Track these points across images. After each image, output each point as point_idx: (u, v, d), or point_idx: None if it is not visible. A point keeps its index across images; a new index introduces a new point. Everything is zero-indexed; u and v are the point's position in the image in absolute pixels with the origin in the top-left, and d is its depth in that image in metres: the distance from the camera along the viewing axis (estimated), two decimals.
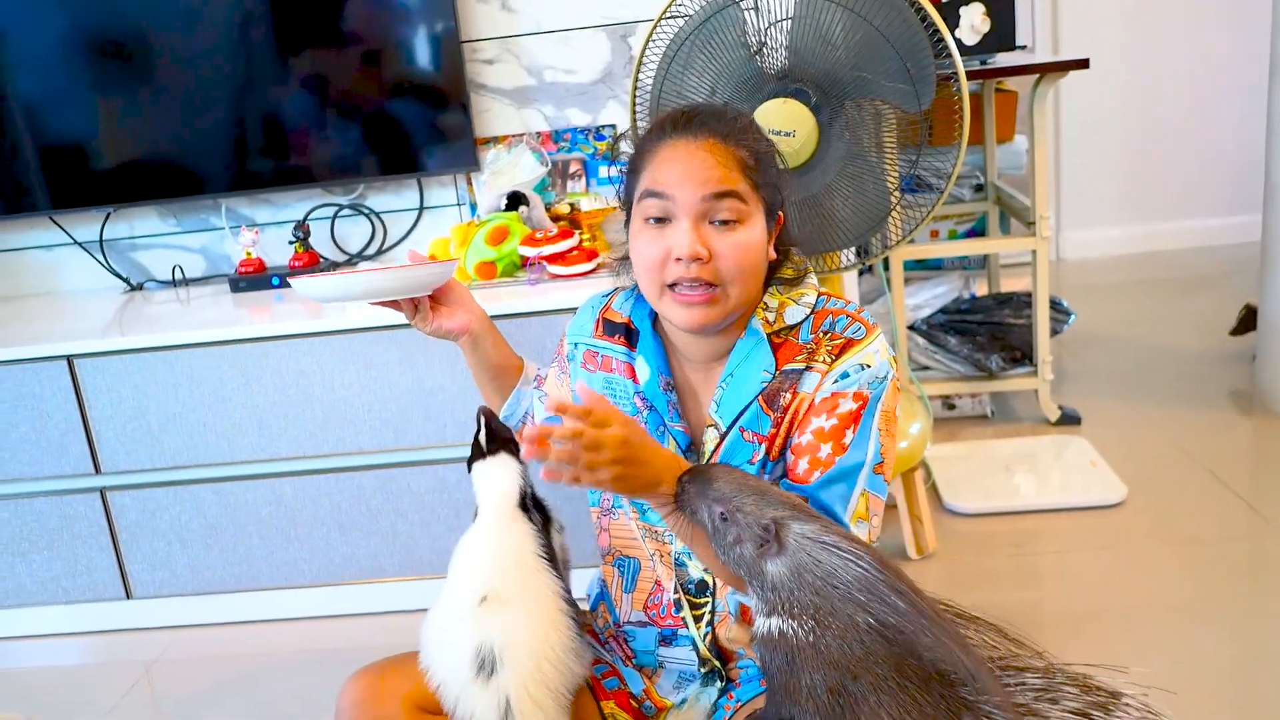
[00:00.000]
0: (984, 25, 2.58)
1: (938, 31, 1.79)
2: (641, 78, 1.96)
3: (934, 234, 3.64)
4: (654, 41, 1.92)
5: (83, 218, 2.70)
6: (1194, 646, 1.91)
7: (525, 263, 2.30)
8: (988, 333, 3.07)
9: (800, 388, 1.25)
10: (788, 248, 1.33)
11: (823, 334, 1.27)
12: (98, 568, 2.37)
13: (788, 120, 1.82)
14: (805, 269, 1.35)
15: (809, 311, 1.29)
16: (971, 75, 2.24)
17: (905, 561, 2.29)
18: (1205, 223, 4.47)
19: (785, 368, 1.27)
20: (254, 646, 2.32)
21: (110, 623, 2.42)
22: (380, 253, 2.67)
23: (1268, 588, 2.11)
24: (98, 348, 2.23)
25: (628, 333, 1.38)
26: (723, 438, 1.28)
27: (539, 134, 2.57)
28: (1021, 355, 3.00)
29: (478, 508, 1.38)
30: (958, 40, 2.47)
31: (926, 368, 3.07)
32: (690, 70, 1.88)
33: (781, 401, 1.26)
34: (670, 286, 1.23)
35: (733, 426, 1.27)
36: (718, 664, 1.33)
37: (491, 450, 1.38)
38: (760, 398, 1.27)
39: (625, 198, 1.32)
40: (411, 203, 2.66)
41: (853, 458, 1.22)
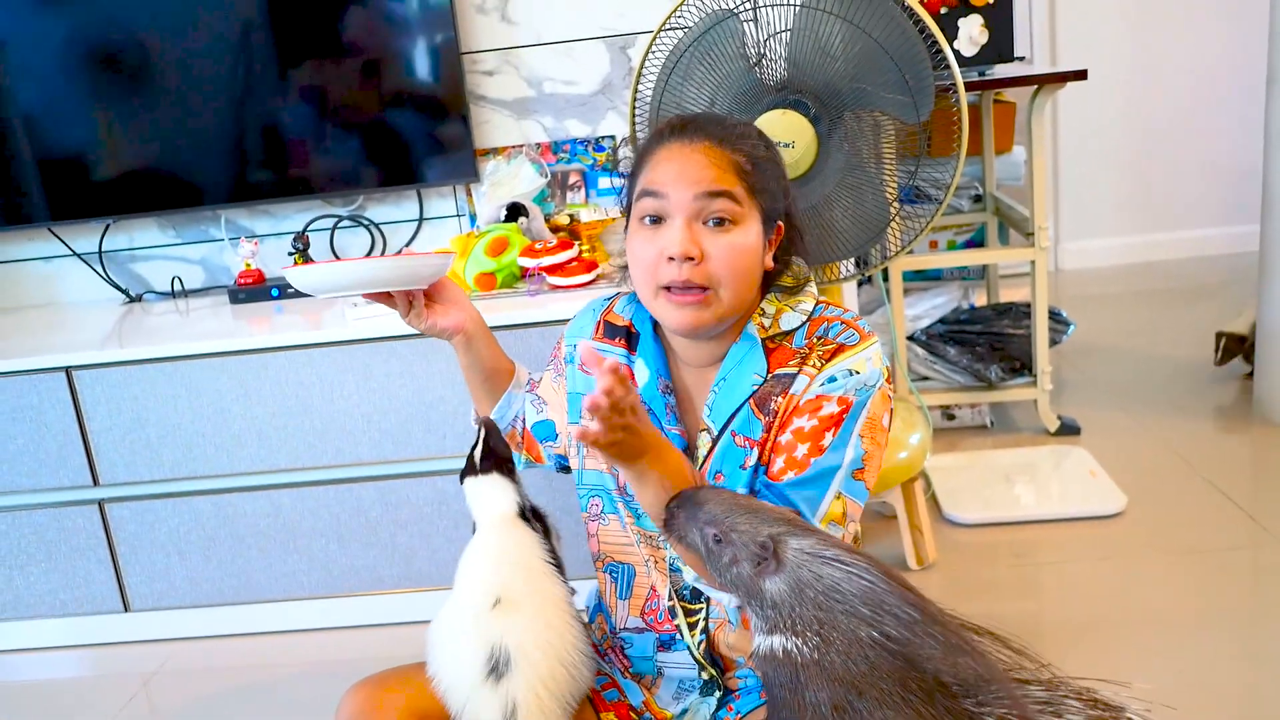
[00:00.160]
0: (982, 37, 2.59)
1: (936, 43, 1.80)
2: (641, 89, 1.96)
3: (933, 245, 3.64)
4: (653, 53, 1.93)
5: (82, 229, 2.70)
6: (1195, 657, 1.91)
7: (525, 274, 2.30)
8: (987, 343, 3.07)
9: (791, 390, 1.26)
10: (789, 256, 1.33)
11: (816, 339, 1.28)
12: (96, 580, 2.36)
13: (787, 131, 1.82)
14: (806, 278, 1.35)
15: (805, 318, 1.30)
16: (970, 86, 2.25)
17: (905, 572, 2.29)
18: (1203, 233, 4.48)
19: (777, 371, 1.27)
20: (253, 659, 2.32)
21: (108, 635, 2.41)
22: None
23: (1268, 598, 2.11)
24: (96, 359, 2.22)
25: (628, 336, 1.38)
26: (715, 442, 1.28)
27: (538, 145, 2.57)
28: (1021, 365, 3.00)
29: (475, 522, 1.38)
30: (956, 52, 2.48)
31: (926, 378, 3.07)
32: (689, 82, 1.88)
33: (773, 405, 1.26)
34: (665, 289, 1.23)
35: (724, 430, 1.28)
36: (714, 671, 1.33)
37: (484, 469, 1.37)
38: (751, 401, 1.27)
39: (625, 203, 1.33)
40: (411, 214, 2.66)
41: (829, 460, 1.22)
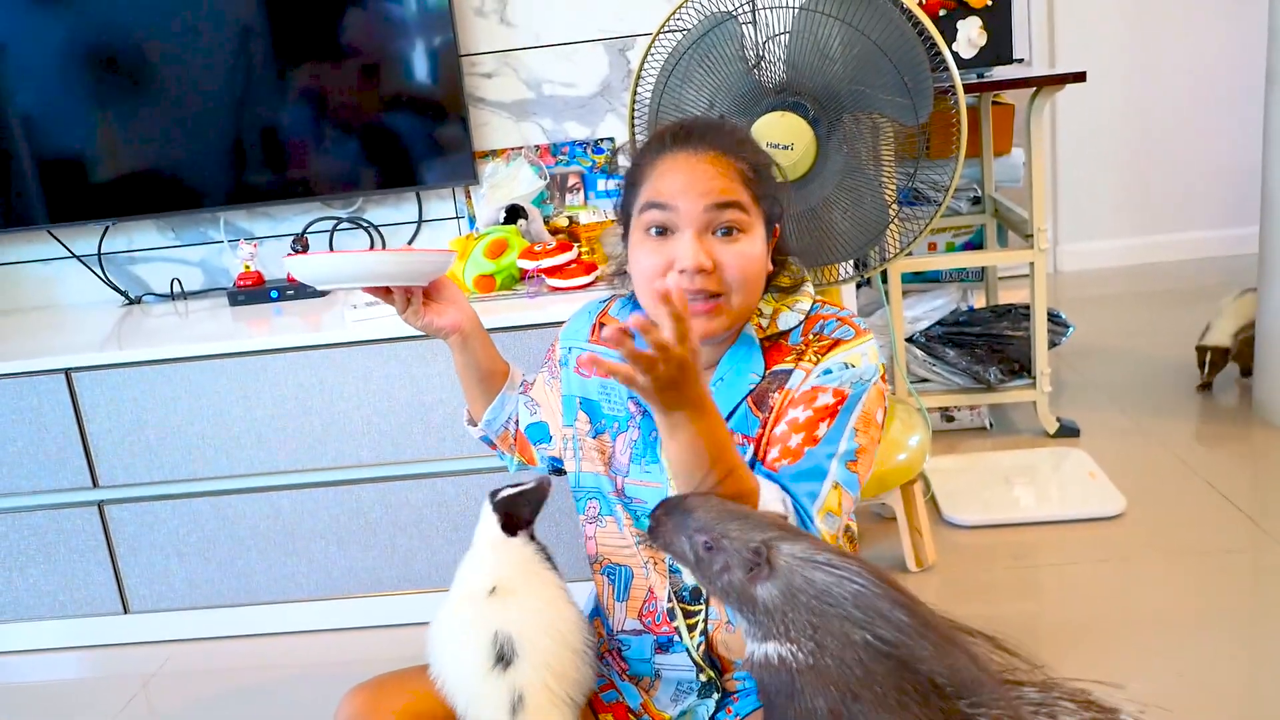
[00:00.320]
0: (981, 39, 2.59)
1: (935, 45, 1.80)
2: (640, 91, 1.97)
3: (932, 246, 3.63)
4: (652, 55, 1.93)
5: (81, 231, 2.70)
6: (1194, 658, 1.91)
7: (524, 276, 2.30)
8: (986, 345, 3.07)
9: (787, 385, 1.26)
10: (784, 257, 1.34)
11: (813, 336, 1.28)
12: (95, 582, 2.36)
13: (786, 133, 1.82)
14: (802, 278, 1.35)
15: (802, 317, 1.30)
16: (969, 88, 2.25)
17: (904, 574, 2.29)
18: (1202, 234, 4.48)
19: (774, 369, 1.28)
20: (252, 661, 2.32)
21: (107, 637, 2.41)
22: None
23: (1268, 600, 2.11)
24: (96, 361, 2.22)
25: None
26: None
27: (537, 147, 2.57)
28: (1020, 367, 3.00)
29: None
30: (955, 54, 2.49)
31: (925, 380, 3.07)
32: (688, 84, 1.89)
33: (770, 402, 1.27)
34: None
35: None
36: (712, 673, 1.33)
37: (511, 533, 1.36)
38: (749, 399, 1.27)
39: (623, 211, 1.32)
40: (410, 216, 2.66)
41: (823, 450, 1.22)
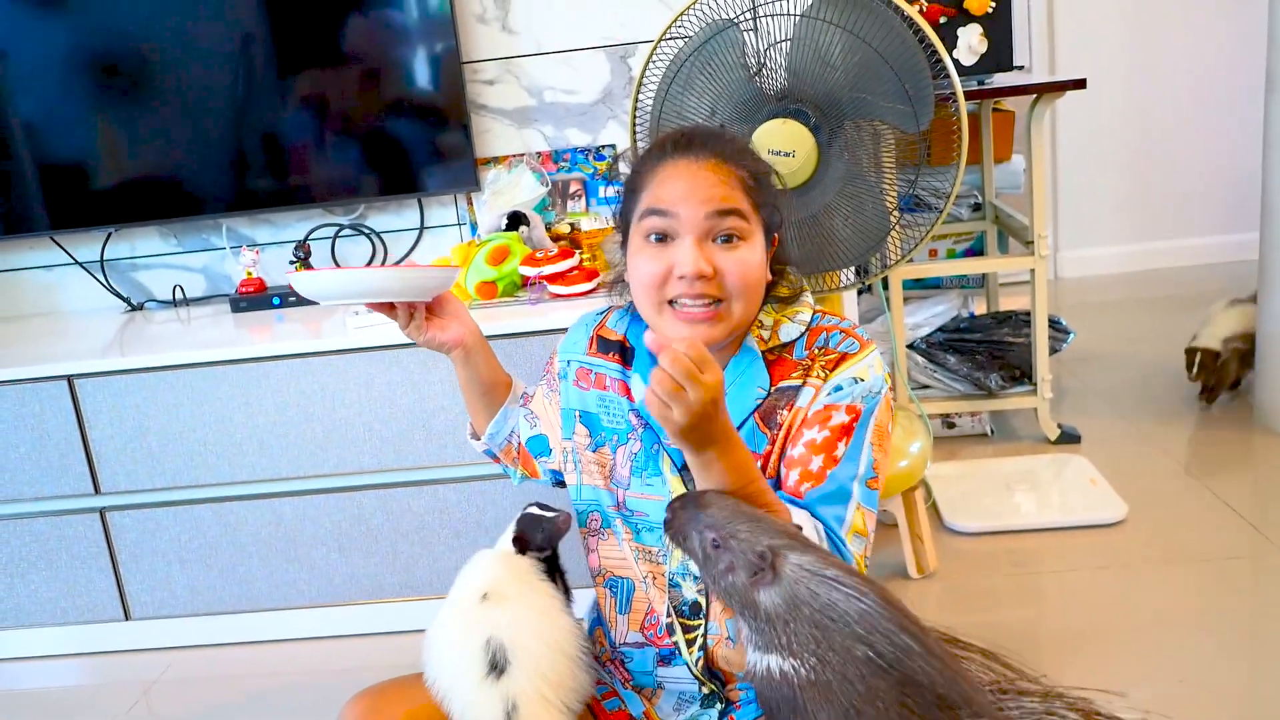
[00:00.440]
0: (981, 46, 2.59)
1: (936, 52, 1.80)
2: (641, 98, 1.97)
3: (933, 253, 3.63)
4: (654, 62, 1.93)
5: (83, 238, 2.70)
6: (1195, 664, 1.91)
7: (526, 282, 2.31)
8: (987, 351, 3.07)
9: (797, 403, 1.26)
10: (782, 266, 1.34)
11: (817, 350, 1.28)
12: (97, 588, 2.36)
13: (787, 140, 1.82)
14: (800, 287, 1.35)
15: (804, 329, 1.30)
16: (969, 95, 2.26)
17: (906, 581, 2.29)
18: (1203, 240, 4.48)
19: (780, 385, 1.27)
20: (253, 667, 2.32)
21: (109, 644, 2.41)
22: None
23: (1270, 606, 2.11)
24: (98, 368, 2.23)
25: (622, 350, 1.37)
26: None
27: (539, 154, 2.58)
28: (1021, 374, 3.00)
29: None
30: (956, 61, 2.48)
31: (926, 386, 3.07)
32: (690, 91, 1.89)
33: (778, 419, 1.26)
34: (670, 303, 1.23)
35: None
36: (713, 686, 1.33)
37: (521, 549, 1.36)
38: (756, 415, 1.27)
39: (622, 218, 1.32)
40: (412, 222, 2.66)
41: (845, 471, 1.22)
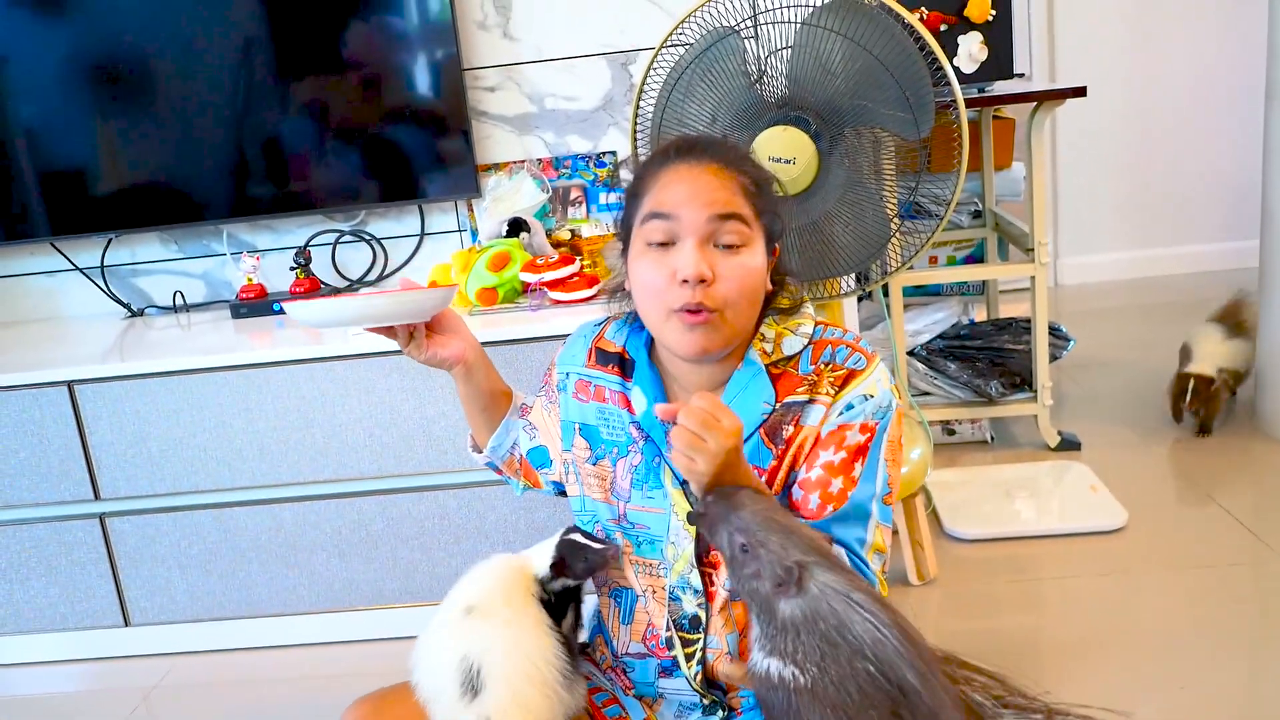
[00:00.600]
0: (982, 54, 2.60)
1: (936, 60, 1.81)
2: (642, 105, 1.97)
3: (933, 260, 3.64)
4: (655, 69, 1.94)
5: (84, 244, 2.70)
6: (1196, 672, 1.90)
7: (527, 289, 2.31)
8: (987, 358, 3.07)
9: (804, 420, 1.25)
10: (783, 277, 1.33)
11: (823, 365, 1.27)
12: (96, 594, 2.36)
13: (788, 147, 1.83)
14: (801, 298, 1.34)
15: (807, 341, 1.29)
16: (970, 103, 2.26)
17: (906, 587, 2.29)
18: (1203, 248, 4.49)
19: (786, 400, 1.26)
20: (253, 673, 2.31)
21: (108, 650, 2.41)
22: (381, 278, 2.68)
23: (1270, 613, 2.11)
24: (98, 373, 2.23)
25: (621, 362, 1.36)
26: None
27: (540, 161, 2.58)
28: (1021, 381, 3.01)
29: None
30: (956, 68, 2.49)
31: (926, 393, 3.07)
32: (691, 98, 1.89)
33: (784, 434, 1.25)
34: (675, 312, 1.22)
35: None
36: (714, 698, 1.32)
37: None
38: (761, 430, 1.26)
39: (624, 225, 1.31)
40: (413, 229, 2.67)
41: (864, 491, 1.22)
